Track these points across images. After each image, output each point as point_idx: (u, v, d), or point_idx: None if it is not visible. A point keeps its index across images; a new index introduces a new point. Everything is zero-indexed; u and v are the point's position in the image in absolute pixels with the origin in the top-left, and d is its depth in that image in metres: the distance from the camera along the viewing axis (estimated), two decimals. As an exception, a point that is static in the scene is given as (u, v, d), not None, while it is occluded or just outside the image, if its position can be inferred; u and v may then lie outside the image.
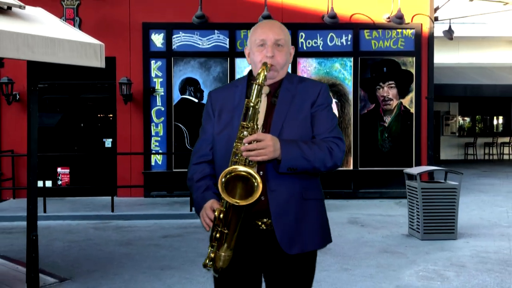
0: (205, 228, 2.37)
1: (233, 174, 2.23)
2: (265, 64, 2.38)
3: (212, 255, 2.31)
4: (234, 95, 2.53)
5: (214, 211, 2.31)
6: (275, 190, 2.38)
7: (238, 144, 2.29)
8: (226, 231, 2.27)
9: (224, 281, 2.48)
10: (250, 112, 2.30)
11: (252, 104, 2.30)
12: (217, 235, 2.28)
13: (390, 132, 11.47)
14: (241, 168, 2.23)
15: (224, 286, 2.49)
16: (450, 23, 12.48)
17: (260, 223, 2.41)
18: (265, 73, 2.34)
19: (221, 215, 2.25)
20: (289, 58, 2.55)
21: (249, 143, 2.24)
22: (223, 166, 2.37)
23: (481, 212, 9.70)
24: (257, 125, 2.32)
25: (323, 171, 2.44)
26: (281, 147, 2.28)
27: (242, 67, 11.02)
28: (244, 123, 2.30)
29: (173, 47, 11.19)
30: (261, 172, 2.36)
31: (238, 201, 2.20)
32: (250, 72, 2.60)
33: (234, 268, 2.42)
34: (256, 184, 2.19)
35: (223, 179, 2.20)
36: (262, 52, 2.46)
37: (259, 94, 2.32)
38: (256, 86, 2.32)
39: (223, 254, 2.29)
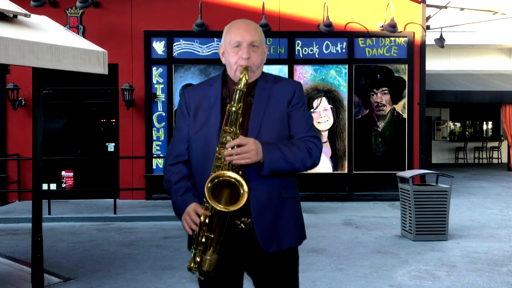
0: (187, 231, 2.33)
1: (221, 179, 2.19)
2: (246, 68, 2.34)
3: (198, 258, 2.27)
4: (209, 95, 2.48)
5: (199, 215, 2.26)
6: (255, 190, 2.33)
7: (221, 149, 2.25)
8: (212, 236, 2.23)
9: (206, 281, 2.44)
10: (232, 117, 2.26)
11: (234, 109, 2.26)
12: (203, 239, 2.24)
13: (384, 137, 11.56)
14: (229, 173, 2.20)
15: (207, 286, 2.48)
16: (441, 31, 12.57)
17: (239, 222, 2.37)
18: (247, 77, 2.30)
19: (207, 220, 2.22)
20: (264, 57, 2.50)
21: (232, 148, 2.21)
22: (200, 166, 2.38)
23: (471, 214, 9.74)
24: (239, 129, 2.28)
25: (302, 171, 2.42)
26: (263, 151, 2.25)
27: (241, 74, 11.14)
28: (226, 127, 2.26)
29: (174, 54, 11.26)
30: (240, 172, 2.30)
31: (224, 207, 2.15)
32: (224, 70, 2.54)
33: (216, 268, 2.37)
34: (242, 191, 2.16)
35: (209, 185, 2.17)
36: (237, 54, 2.40)
37: (241, 99, 2.28)
38: (238, 91, 2.27)
39: (209, 258, 2.26)
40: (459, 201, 11.15)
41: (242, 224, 2.38)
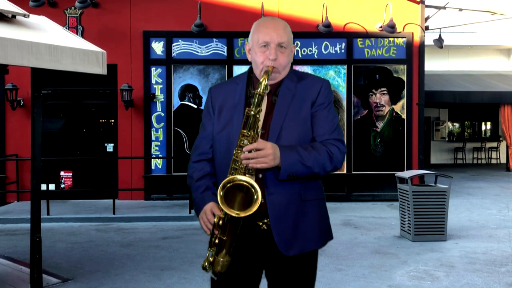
0: (205, 231, 2.33)
1: (232, 183, 2.18)
2: (266, 72, 2.30)
3: (211, 259, 2.27)
4: (235, 93, 2.45)
5: (214, 215, 2.28)
6: (273, 193, 2.31)
7: (238, 151, 2.23)
8: (224, 238, 2.23)
9: (223, 280, 2.42)
10: (250, 121, 2.23)
11: (252, 113, 2.23)
12: (216, 241, 2.24)
13: (382, 137, 11.58)
14: (241, 177, 2.18)
15: (223, 285, 2.45)
16: (440, 32, 12.59)
17: (261, 223, 2.36)
18: (266, 82, 2.27)
19: (220, 222, 2.22)
20: (291, 57, 2.47)
21: (249, 151, 2.18)
22: (222, 165, 2.35)
23: (469, 214, 9.77)
24: (257, 133, 2.25)
25: (323, 175, 2.36)
26: (281, 155, 2.21)
27: (240, 74, 11.15)
28: (244, 131, 2.24)
29: (173, 54, 11.26)
30: (260, 175, 2.31)
31: (237, 212, 2.16)
32: (251, 69, 2.51)
33: (234, 267, 2.37)
34: (255, 197, 2.15)
35: (221, 192, 2.16)
36: (264, 53, 2.37)
37: (260, 104, 2.25)
38: (257, 96, 2.24)
39: (221, 259, 2.26)
40: (458, 201, 11.16)
41: (264, 225, 2.37)
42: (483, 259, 6.49)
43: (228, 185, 2.18)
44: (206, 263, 2.29)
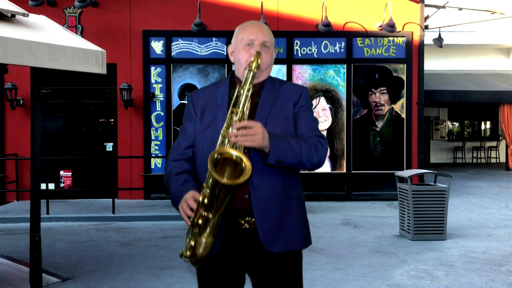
0: (185, 221, 2.26)
1: (224, 155, 2.15)
2: (258, 53, 2.32)
3: (193, 242, 2.22)
4: (217, 96, 2.47)
5: (196, 200, 2.24)
6: (258, 188, 2.32)
7: (226, 130, 2.24)
8: (209, 216, 2.18)
9: (207, 280, 2.44)
10: (241, 99, 2.25)
11: (242, 91, 2.25)
12: (199, 221, 2.19)
13: (382, 137, 11.59)
14: (233, 152, 2.16)
15: (207, 285, 2.46)
16: (439, 31, 12.60)
17: (243, 221, 2.35)
18: (258, 62, 2.29)
19: (205, 200, 2.17)
20: (273, 60, 2.53)
21: (238, 129, 2.18)
22: (205, 164, 2.25)
23: (469, 213, 9.78)
24: (246, 113, 2.26)
25: (308, 167, 2.39)
26: (270, 138, 2.22)
27: (239, 74, 11.17)
28: (234, 109, 2.25)
29: (173, 54, 11.26)
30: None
31: (225, 180, 2.10)
32: (232, 73, 2.55)
33: (218, 267, 2.39)
34: (244, 166, 2.13)
35: (215, 156, 2.13)
36: (248, 51, 2.40)
37: (251, 82, 2.26)
38: (250, 72, 2.27)
39: (204, 240, 2.21)
40: (457, 200, 11.17)
41: (246, 224, 2.35)
42: (483, 259, 6.50)
43: (220, 156, 2.15)
44: (186, 251, 2.24)
